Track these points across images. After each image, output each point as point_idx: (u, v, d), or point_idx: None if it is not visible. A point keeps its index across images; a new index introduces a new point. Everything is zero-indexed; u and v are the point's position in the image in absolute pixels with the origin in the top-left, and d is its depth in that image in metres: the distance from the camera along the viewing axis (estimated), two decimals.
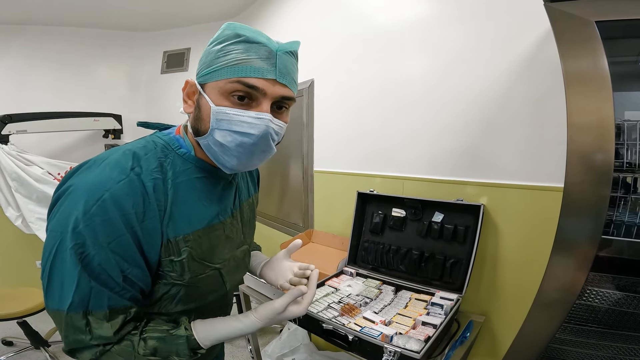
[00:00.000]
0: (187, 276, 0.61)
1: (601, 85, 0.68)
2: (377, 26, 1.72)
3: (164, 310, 0.63)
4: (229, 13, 2.98)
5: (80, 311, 0.51)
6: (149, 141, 0.62)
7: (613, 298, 0.72)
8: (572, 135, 0.70)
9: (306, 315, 1.18)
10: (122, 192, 0.52)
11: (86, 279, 0.50)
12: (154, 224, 0.55)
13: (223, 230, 0.68)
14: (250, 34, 0.56)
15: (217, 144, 0.59)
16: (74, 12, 2.75)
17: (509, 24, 1.26)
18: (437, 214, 1.41)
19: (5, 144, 2.46)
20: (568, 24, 0.74)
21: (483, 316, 1.36)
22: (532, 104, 1.22)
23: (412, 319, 1.14)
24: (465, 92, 1.39)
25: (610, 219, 0.71)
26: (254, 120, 0.56)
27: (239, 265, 0.76)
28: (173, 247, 0.58)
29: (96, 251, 0.50)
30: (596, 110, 0.68)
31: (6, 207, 2.54)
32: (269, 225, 2.65)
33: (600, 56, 0.68)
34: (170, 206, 0.58)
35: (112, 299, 0.53)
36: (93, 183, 0.52)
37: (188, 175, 0.62)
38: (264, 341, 2.34)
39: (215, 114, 0.57)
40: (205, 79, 0.58)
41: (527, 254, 1.26)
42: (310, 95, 2.12)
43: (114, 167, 0.54)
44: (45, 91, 2.96)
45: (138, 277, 0.55)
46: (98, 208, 0.50)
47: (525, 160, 1.25)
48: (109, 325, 0.53)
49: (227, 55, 0.56)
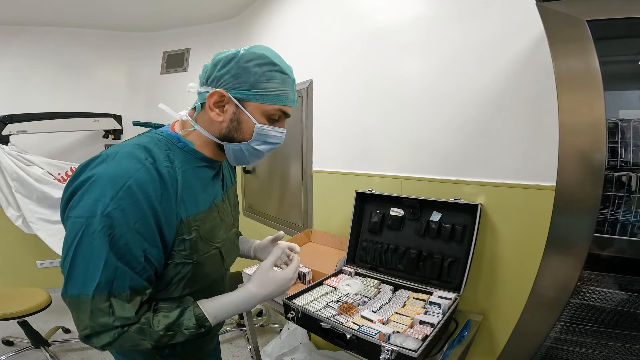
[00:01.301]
0: (195, 254, 0.68)
1: (592, 84, 0.69)
2: (375, 26, 1.72)
3: (171, 295, 0.69)
4: (229, 14, 2.99)
5: (104, 293, 0.56)
6: (151, 137, 0.70)
7: (608, 297, 0.72)
8: (563, 134, 0.71)
9: (304, 314, 1.18)
10: (143, 179, 0.58)
11: (113, 259, 0.55)
12: (170, 205, 0.63)
13: (218, 213, 0.77)
14: (282, 65, 0.70)
15: (252, 151, 0.73)
16: (73, 12, 2.76)
17: (505, 23, 1.26)
18: (435, 213, 1.42)
19: (5, 144, 2.47)
20: (559, 23, 0.75)
21: (481, 315, 1.36)
22: (528, 104, 1.22)
23: (410, 318, 1.15)
24: (462, 92, 1.40)
25: (604, 217, 0.71)
26: (279, 134, 0.75)
27: (232, 246, 0.86)
28: (185, 227, 0.66)
29: (123, 232, 0.56)
30: (587, 109, 0.69)
31: (6, 207, 2.55)
32: (269, 225, 2.66)
33: (591, 55, 0.69)
34: (180, 190, 0.65)
35: (134, 279, 0.58)
36: (115, 172, 0.57)
37: (190, 164, 0.71)
38: (264, 341, 2.34)
39: (259, 130, 0.71)
40: (249, 97, 0.68)
41: (524, 252, 1.26)
42: (309, 95, 2.12)
43: (130, 158, 0.60)
44: (46, 91, 2.98)
45: (155, 257, 0.62)
46: (124, 192, 0.56)
47: (522, 160, 1.26)
48: (130, 305, 0.58)
49: (270, 83, 0.68)
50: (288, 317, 1.24)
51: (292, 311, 1.22)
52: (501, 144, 1.31)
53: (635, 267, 0.67)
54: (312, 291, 1.37)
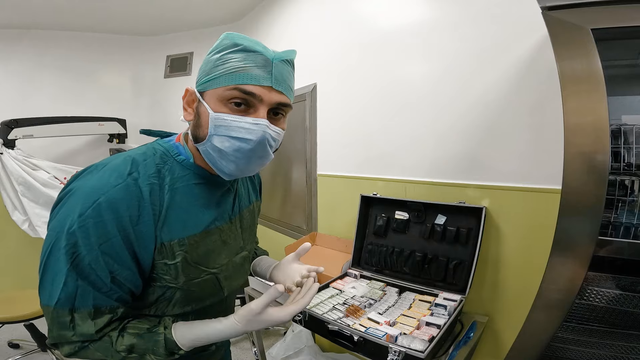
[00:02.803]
0: (182, 279, 0.62)
1: (596, 88, 0.70)
2: (378, 30, 1.75)
3: (160, 313, 0.64)
4: (231, 17, 3.02)
5: (66, 308, 0.54)
6: (149, 148, 0.65)
7: (612, 297, 0.74)
8: (568, 137, 0.72)
9: (311, 316, 1.20)
10: (117, 196, 0.54)
11: (74, 278, 0.53)
12: (148, 227, 0.57)
13: (220, 236, 0.69)
14: (248, 43, 0.58)
15: (216, 149, 0.60)
16: (77, 16, 2.79)
17: (507, 28, 1.28)
18: (440, 217, 1.43)
19: (12, 149, 2.49)
20: (564, 32, 0.76)
21: (486, 317, 1.37)
22: (531, 107, 1.24)
23: (416, 319, 1.16)
24: (465, 95, 1.42)
25: (608, 220, 0.73)
26: (251, 126, 0.58)
27: (237, 270, 0.76)
28: (167, 251, 0.60)
29: (87, 251, 0.52)
30: (592, 113, 0.71)
31: (13, 211, 2.57)
32: (273, 228, 2.67)
33: (595, 61, 0.70)
34: (165, 211, 0.59)
35: (98, 298, 0.55)
36: (92, 187, 0.54)
37: (186, 181, 0.64)
38: (269, 343, 2.35)
39: (214, 120, 0.59)
40: (205, 87, 0.60)
41: (529, 255, 1.28)
42: (313, 99, 2.14)
43: (112, 172, 0.56)
44: (51, 96, 3.00)
45: (127, 279, 0.57)
46: (92, 211, 0.52)
47: (525, 163, 1.28)
48: (92, 323, 0.55)
49: (226, 64, 0.58)
50: (295, 319, 1.25)
51: (300, 314, 1.23)
52: (505, 147, 1.33)
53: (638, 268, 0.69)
54: (318, 294, 1.39)
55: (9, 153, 2.46)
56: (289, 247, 1.92)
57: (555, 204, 0.82)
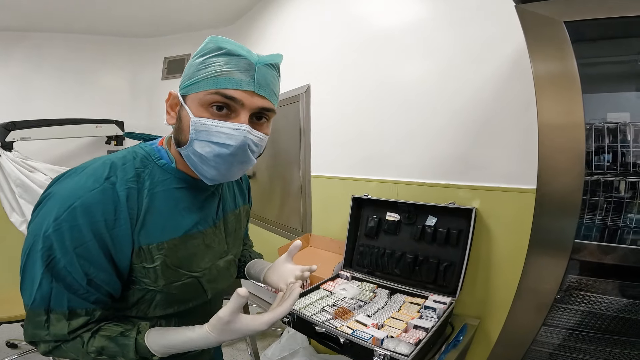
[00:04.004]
0: (161, 282, 0.62)
1: (570, 86, 0.68)
2: (372, 31, 1.74)
3: (142, 314, 0.65)
4: (227, 19, 3.02)
5: (42, 308, 0.55)
6: (130, 152, 0.64)
7: (594, 301, 0.72)
8: (542, 138, 0.71)
9: (299, 318, 1.19)
10: (93, 201, 0.54)
11: (48, 280, 0.54)
12: (124, 231, 0.57)
13: (202, 240, 0.69)
14: (231, 47, 0.57)
15: (197, 154, 0.60)
16: (75, 18, 2.81)
17: (499, 27, 1.26)
18: (431, 218, 1.42)
19: (9, 151, 2.51)
20: (537, 25, 0.74)
21: (478, 319, 1.36)
22: (523, 107, 1.23)
23: (404, 322, 1.15)
24: (457, 96, 1.41)
25: (588, 222, 0.72)
26: (232, 131, 0.58)
27: (221, 274, 0.76)
28: (145, 254, 0.60)
29: (62, 254, 0.53)
30: (566, 113, 0.69)
31: (11, 213, 2.58)
32: (268, 229, 2.67)
33: (570, 58, 0.69)
34: (144, 215, 0.59)
35: (73, 300, 0.56)
36: (68, 191, 0.55)
37: (166, 186, 0.64)
38: (265, 344, 2.35)
39: (195, 125, 0.58)
40: (187, 90, 0.60)
41: (520, 256, 1.23)
42: (306, 100, 2.14)
43: (89, 177, 0.56)
44: (48, 98, 3.02)
45: (104, 281, 0.57)
46: (68, 215, 0.53)
47: (516, 163, 1.26)
48: (67, 324, 0.56)
49: (208, 68, 0.57)
50: (284, 320, 1.25)
51: (288, 315, 1.23)
52: (496, 147, 1.32)
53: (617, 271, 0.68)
54: (308, 295, 1.38)
55: (6, 155, 2.47)
56: (282, 249, 1.92)
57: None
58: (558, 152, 0.70)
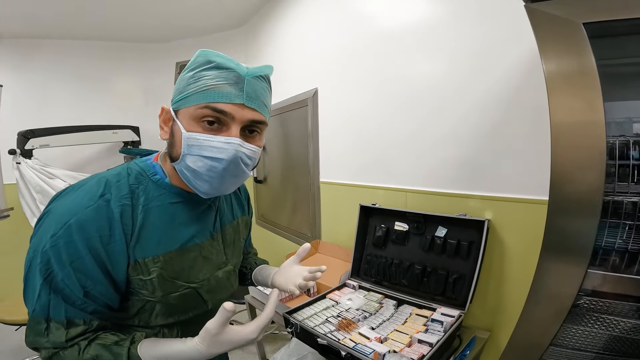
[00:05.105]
0: (159, 293, 0.64)
1: (587, 83, 0.63)
2: (381, 33, 1.69)
3: (144, 324, 0.67)
4: (235, 23, 3.05)
5: (42, 317, 0.57)
6: (124, 168, 0.66)
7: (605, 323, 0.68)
8: (555, 150, 0.65)
9: (302, 328, 1.19)
10: (87, 218, 0.56)
11: (47, 292, 0.56)
12: (119, 246, 0.59)
13: (200, 252, 0.70)
14: (221, 60, 0.58)
15: (189, 169, 0.61)
16: (90, 25, 2.87)
17: (510, 27, 1.20)
18: (441, 229, 1.39)
19: (29, 159, 2.60)
20: (551, 26, 0.69)
21: (488, 332, 1.32)
22: (537, 112, 1.16)
23: (408, 336, 1.13)
24: (467, 100, 1.35)
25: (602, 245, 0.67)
26: (223, 145, 0.58)
27: (220, 284, 0.77)
28: (141, 268, 0.62)
29: (59, 269, 0.56)
30: (585, 125, 0.63)
31: (32, 219, 2.68)
32: (280, 234, 2.68)
33: (589, 60, 0.63)
34: (138, 230, 0.61)
35: (70, 311, 0.58)
36: (65, 208, 0.57)
37: (161, 201, 0.65)
38: (275, 347, 2.36)
39: (187, 140, 0.59)
40: (178, 105, 0.61)
41: (534, 269, 1.21)
42: (314, 105, 2.13)
43: (85, 194, 0.59)
44: (65, 104, 3.11)
45: (101, 293, 0.60)
46: (64, 232, 0.55)
47: (530, 173, 1.20)
48: (65, 332, 0.58)
49: (198, 82, 0.58)
50: (287, 330, 1.25)
51: (291, 325, 1.23)
52: (508, 155, 1.26)
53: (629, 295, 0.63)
54: (313, 305, 1.38)
55: (26, 163, 2.56)
56: (290, 256, 1.92)
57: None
58: (573, 169, 0.64)
